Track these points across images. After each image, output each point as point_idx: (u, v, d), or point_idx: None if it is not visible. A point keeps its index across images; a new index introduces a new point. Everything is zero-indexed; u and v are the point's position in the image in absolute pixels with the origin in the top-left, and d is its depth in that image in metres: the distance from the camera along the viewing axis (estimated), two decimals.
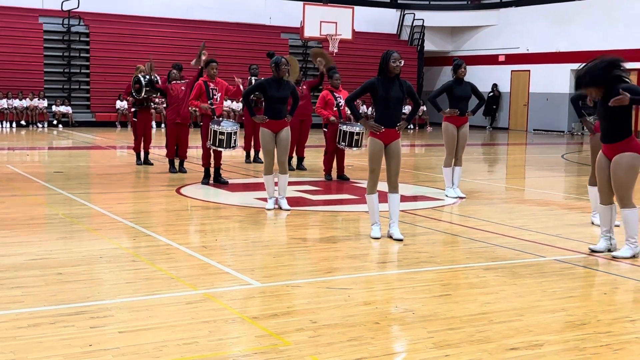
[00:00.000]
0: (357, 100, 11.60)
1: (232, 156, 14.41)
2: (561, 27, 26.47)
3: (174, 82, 12.15)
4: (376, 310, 4.86)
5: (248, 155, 14.08)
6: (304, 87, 12.82)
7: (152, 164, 12.96)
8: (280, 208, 8.75)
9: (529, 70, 27.98)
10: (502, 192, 11.34)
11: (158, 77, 12.59)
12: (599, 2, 25.27)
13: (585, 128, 7.60)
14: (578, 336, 4.42)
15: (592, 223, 8.12)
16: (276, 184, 8.89)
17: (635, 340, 4.39)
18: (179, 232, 7.46)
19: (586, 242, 7.18)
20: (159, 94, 12.53)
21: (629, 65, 6.74)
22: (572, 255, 6.63)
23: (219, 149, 10.39)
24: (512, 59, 28.53)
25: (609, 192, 6.54)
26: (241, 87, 11.03)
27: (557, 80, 26.72)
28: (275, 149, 8.77)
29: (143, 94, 12.39)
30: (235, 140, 10.32)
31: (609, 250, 6.62)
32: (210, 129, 10.25)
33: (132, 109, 13.14)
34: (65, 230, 7.33)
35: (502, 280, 5.68)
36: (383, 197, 7.36)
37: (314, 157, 14.60)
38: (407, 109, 20.54)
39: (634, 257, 6.45)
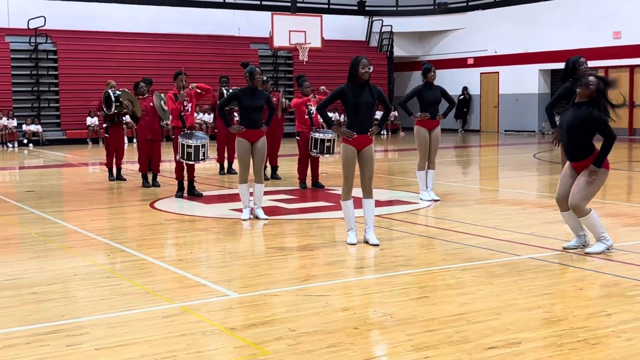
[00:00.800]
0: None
1: (206, 168, 14.36)
2: (527, 28, 26.78)
3: (141, 97, 12.06)
4: (355, 316, 4.85)
5: (222, 167, 14.03)
6: (274, 98, 12.81)
7: (125, 179, 12.87)
8: (256, 218, 8.73)
9: (498, 72, 28.24)
10: (476, 193, 11.41)
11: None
12: (563, 2, 25.61)
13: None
14: (555, 332, 4.45)
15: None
16: (251, 194, 8.87)
17: (611, 333, 4.43)
18: (154, 246, 7.40)
19: (560, 239, 7.25)
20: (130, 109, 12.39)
21: (591, 63, 6.85)
22: (547, 253, 6.68)
23: (188, 162, 10.35)
24: (480, 61, 28.79)
25: (567, 200, 6.60)
26: (191, 88, 10.79)
27: (526, 81, 27.01)
28: (251, 159, 8.76)
29: (113, 109, 12.30)
30: (204, 152, 10.27)
31: (583, 247, 6.69)
32: (179, 143, 10.22)
33: (104, 125, 13.05)
34: (39, 249, 7.24)
35: (479, 280, 5.71)
36: (358, 203, 7.37)
37: (288, 165, 14.60)
38: (379, 114, 20.64)
39: (608, 249, 6.53)
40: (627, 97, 23.53)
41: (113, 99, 12.21)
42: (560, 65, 8.36)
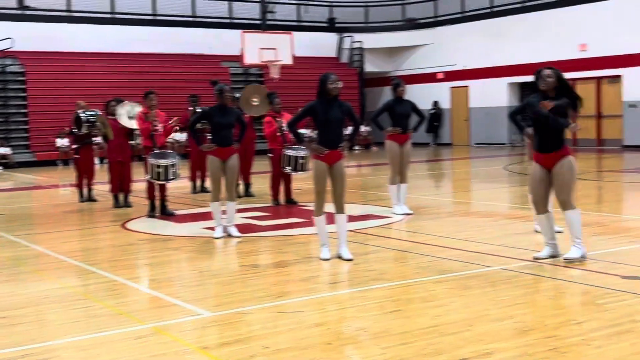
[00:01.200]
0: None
1: (179, 187, 14.29)
2: (495, 42, 27.12)
3: (112, 117, 11.99)
4: (328, 331, 4.86)
5: (194, 186, 13.98)
6: (245, 115, 12.82)
7: (96, 200, 12.77)
8: (230, 236, 8.71)
9: (468, 86, 28.54)
10: (448, 206, 11.50)
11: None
12: (529, 16, 26.00)
13: (526, 140, 7.91)
14: (527, 342, 4.49)
15: (536, 231, 8.29)
16: (224, 212, 8.85)
17: (581, 342, 4.48)
18: (125, 267, 7.35)
19: (531, 249, 7.33)
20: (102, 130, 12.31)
21: None
22: (518, 263, 6.75)
23: (157, 182, 10.30)
24: (450, 75, 29.07)
25: (544, 202, 6.74)
26: (172, 124, 10.89)
27: (495, 94, 27.32)
28: (223, 177, 8.75)
29: (84, 129, 12.21)
30: (173, 172, 10.22)
31: (553, 257, 6.77)
32: (148, 162, 10.18)
33: (74, 146, 12.96)
34: (9, 273, 7.15)
35: (451, 292, 5.75)
36: (332, 219, 7.39)
37: (261, 182, 14.58)
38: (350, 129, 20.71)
39: (582, 257, 6.62)
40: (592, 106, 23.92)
41: (84, 120, 12.12)
42: (529, 78, 8.51)
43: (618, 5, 23.32)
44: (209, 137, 9.10)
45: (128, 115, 11.39)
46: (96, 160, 22.96)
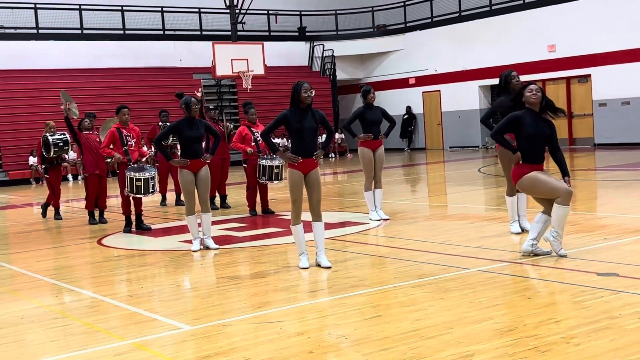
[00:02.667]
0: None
1: (153, 201, 14.22)
2: (465, 46, 27.37)
3: (87, 132, 11.91)
4: (309, 340, 4.85)
5: (164, 198, 13.93)
6: (220, 125, 12.82)
7: (61, 218, 12.66)
8: (207, 248, 8.67)
9: (439, 90, 28.74)
10: (425, 210, 11.55)
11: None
12: (497, 19, 26.28)
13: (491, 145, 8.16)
14: (507, 342, 4.52)
15: (511, 232, 8.37)
16: (200, 224, 8.81)
17: (561, 340, 4.52)
18: (103, 283, 7.29)
19: (507, 250, 7.39)
20: (70, 149, 12.27)
21: (525, 77, 7.15)
22: (495, 265, 6.80)
23: (138, 196, 10.24)
24: (422, 80, 29.27)
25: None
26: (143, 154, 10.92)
27: (467, 98, 27.55)
28: (196, 189, 8.72)
29: (52, 153, 12.12)
30: (153, 185, 10.20)
31: (534, 255, 6.87)
32: (127, 176, 10.10)
33: (43, 166, 12.91)
34: None
35: (431, 296, 5.77)
36: (309, 227, 7.39)
37: (237, 193, 14.55)
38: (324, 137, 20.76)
39: (557, 253, 6.75)
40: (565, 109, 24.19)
41: (51, 142, 12.02)
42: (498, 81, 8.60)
43: (585, 6, 23.66)
44: (178, 152, 9.06)
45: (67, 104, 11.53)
46: (70, 177, 22.91)
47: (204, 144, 9.72)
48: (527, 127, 6.80)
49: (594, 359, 4.15)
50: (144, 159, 10.65)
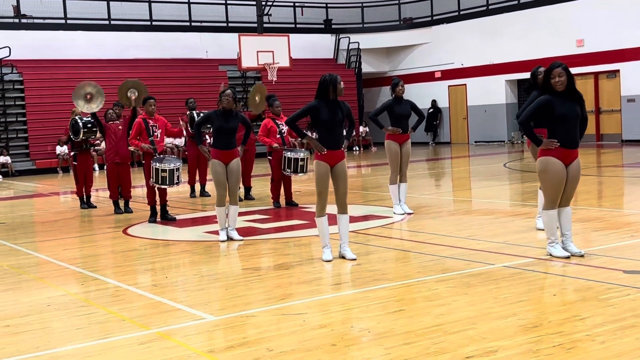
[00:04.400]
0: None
1: (178, 192, 14.30)
2: (492, 39, 27.14)
3: (111, 122, 12.00)
4: (332, 332, 4.86)
5: (193, 190, 13.98)
6: (247, 113, 12.87)
7: (95, 207, 12.78)
8: (231, 239, 8.70)
9: (465, 84, 28.55)
10: (449, 205, 11.49)
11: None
12: (525, 13, 26.01)
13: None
14: (531, 339, 4.49)
15: (537, 228, 8.30)
16: (226, 215, 8.85)
17: (586, 337, 4.48)
18: (128, 272, 7.35)
19: (532, 246, 7.33)
20: (97, 134, 12.32)
21: None
22: (520, 261, 6.74)
23: (163, 187, 10.30)
24: (448, 74, 29.08)
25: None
26: (184, 130, 10.95)
27: (493, 92, 27.33)
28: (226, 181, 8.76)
29: (81, 135, 12.21)
30: (178, 176, 10.25)
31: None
32: (152, 167, 10.17)
33: (72, 153, 12.98)
34: (12, 281, 7.15)
35: (454, 291, 5.74)
36: (333, 220, 7.39)
37: (261, 185, 14.59)
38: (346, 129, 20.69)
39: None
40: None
41: (81, 125, 12.12)
42: (526, 75, 8.52)
43: (614, 0, 23.33)
44: (208, 141, 9.10)
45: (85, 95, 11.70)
46: (95, 167, 23.12)
47: None
48: (557, 110, 6.51)
49: (619, 357, 4.11)
50: (172, 138, 10.75)
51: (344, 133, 7.47)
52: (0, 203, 16.13)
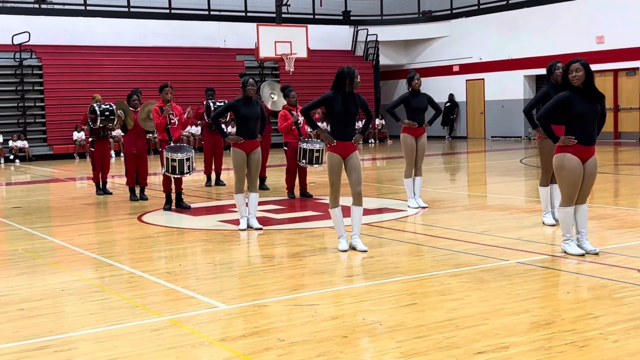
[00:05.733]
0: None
1: (194, 180, 14.34)
2: (511, 34, 26.96)
3: (133, 109, 12.03)
4: (344, 324, 4.86)
5: (209, 179, 14.02)
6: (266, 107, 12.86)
7: (111, 193, 12.85)
8: (251, 227, 8.73)
9: (483, 79, 28.40)
10: (464, 200, 11.46)
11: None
12: (545, 8, 25.80)
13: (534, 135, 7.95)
14: (543, 336, 4.47)
15: (544, 223, 8.28)
16: (247, 203, 8.87)
17: (599, 336, 4.46)
18: (142, 259, 7.39)
19: (547, 243, 7.29)
20: (115, 122, 12.39)
21: None
22: (534, 257, 6.72)
23: (173, 176, 10.33)
24: (466, 68, 28.93)
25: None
26: (187, 116, 10.91)
27: (511, 87, 27.17)
28: (247, 169, 8.79)
29: (99, 123, 12.28)
30: (189, 166, 10.24)
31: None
32: (164, 156, 10.20)
33: (89, 139, 13.07)
34: (26, 265, 7.21)
35: (467, 286, 5.73)
36: (348, 212, 7.39)
37: (276, 176, 14.60)
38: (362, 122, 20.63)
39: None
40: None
41: (98, 112, 12.19)
42: (545, 71, 8.45)
43: None
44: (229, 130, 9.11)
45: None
46: (112, 154, 23.26)
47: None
48: (577, 107, 6.44)
49: (632, 356, 4.09)
50: (189, 126, 10.75)
51: (359, 126, 7.47)
52: (17, 187, 16.26)
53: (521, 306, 5.13)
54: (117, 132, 18.98)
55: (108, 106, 12.30)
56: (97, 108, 12.24)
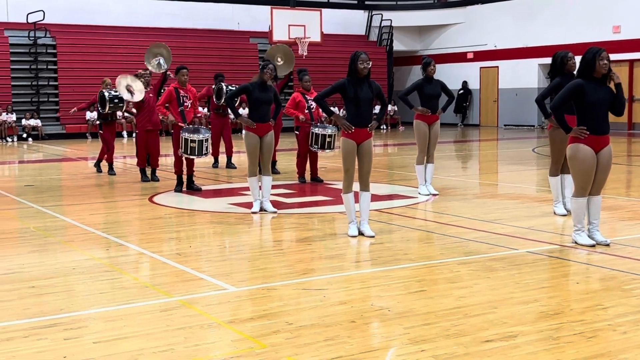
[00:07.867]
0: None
1: (204, 162, 14.37)
2: (527, 22, 26.75)
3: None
4: (352, 309, 4.87)
5: (216, 160, 14.06)
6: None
7: (114, 174, 12.95)
8: (264, 210, 8.75)
9: (498, 67, 28.23)
10: (475, 188, 11.43)
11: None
12: None
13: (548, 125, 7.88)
14: (552, 326, 4.47)
15: (555, 213, 8.25)
16: (260, 187, 8.89)
17: (607, 327, 4.45)
18: (152, 240, 7.42)
19: (557, 233, 7.26)
20: (125, 107, 12.57)
21: None
22: (544, 247, 6.70)
23: (191, 157, 10.35)
24: (480, 55, 28.76)
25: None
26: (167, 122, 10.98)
27: (525, 76, 26.99)
28: (260, 153, 8.80)
29: (107, 109, 12.36)
30: (207, 147, 10.28)
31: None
32: (182, 137, 10.21)
33: (98, 122, 13.26)
34: (38, 243, 7.26)
35: (476, 274, 5.72)
36: (357, 197, 7.39)
37: (287, 160, 14.61)
38: (376, 109, 20.58)
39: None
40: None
41: (107, 99, 12.26)
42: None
43: None
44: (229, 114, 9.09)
45: (127, 87, 11.77)
46: (124, 134, 23.33)
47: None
48: (589, 95, 6.40)
49: None
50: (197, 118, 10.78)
51: (375, 112, 7.45)
52: (29, 165, 16.34)
53: (530, 295, 5.12)
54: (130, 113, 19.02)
55: (117, 93, 12.34)
56: (106, 94, 12.30)
